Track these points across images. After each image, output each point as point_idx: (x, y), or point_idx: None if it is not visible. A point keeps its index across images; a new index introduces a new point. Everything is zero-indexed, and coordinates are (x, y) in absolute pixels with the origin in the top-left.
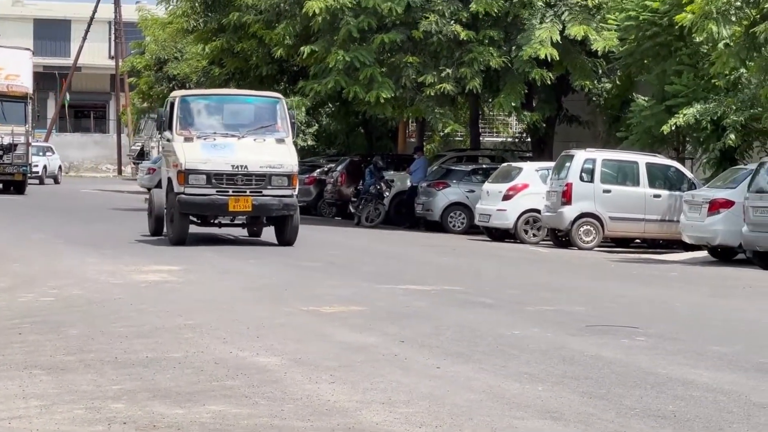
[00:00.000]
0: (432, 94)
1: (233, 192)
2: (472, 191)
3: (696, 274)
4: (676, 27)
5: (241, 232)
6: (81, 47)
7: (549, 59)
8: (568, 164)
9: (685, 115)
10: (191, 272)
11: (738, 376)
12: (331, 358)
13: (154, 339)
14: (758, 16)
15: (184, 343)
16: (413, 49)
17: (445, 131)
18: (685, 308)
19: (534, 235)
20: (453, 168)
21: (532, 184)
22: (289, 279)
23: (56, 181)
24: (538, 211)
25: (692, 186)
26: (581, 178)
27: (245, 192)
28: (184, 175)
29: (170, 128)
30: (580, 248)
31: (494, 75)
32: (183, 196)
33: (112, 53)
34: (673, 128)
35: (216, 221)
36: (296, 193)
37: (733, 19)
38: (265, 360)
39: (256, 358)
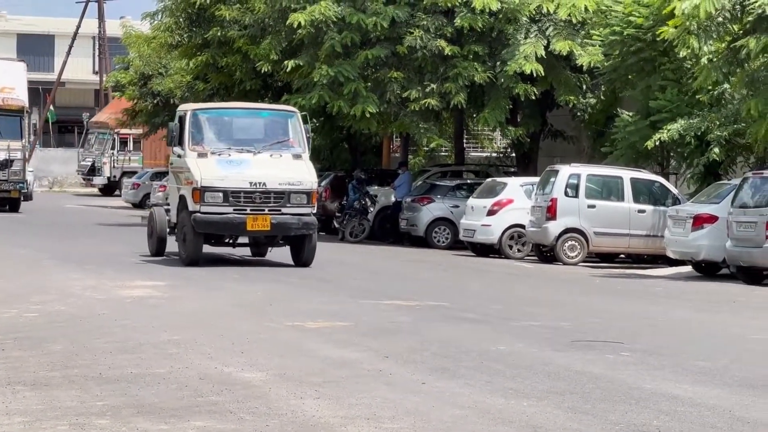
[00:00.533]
0: (416, 109)
1: (251, 210)
2: (457, 206)
3: (680, 289)
4: (660, 42)
5: (244, 252)
6: (65, 62)
7: (534, 74)
8: (552, 179)
9: (669, 130)
10: (176, 288)
11: (722, 391)
12: (315, 373)
13: (138, 354)
14: (741, 31)
15: (168, 359)
16: (398, 65)
17: (430, 146)
18: (670, 323)
19: (519, 251)
20: (437, 183)
21: (516, 200)
22: (274, 295)
23: (27, 198)
24: (523, 227)
25: (676, 201)
26: (566, 194)
27: (263, 210)
28: (200, 192)
29: (181, 143)
30: (564, 263)
31: (479, 90)
32: (198, 214)
33: (96, 68)
34: (658, 143)
35: (229, 241)
36: (315, 211)
37: (714, 35)
38: (250, 375)
39: (240, 373)
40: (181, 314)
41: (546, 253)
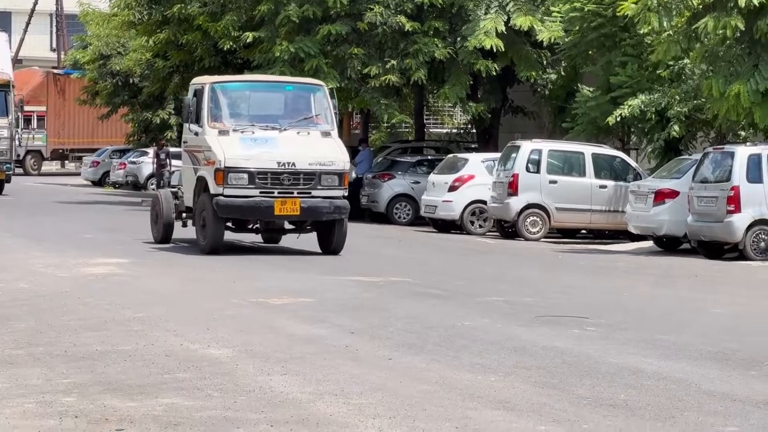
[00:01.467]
0: (377, 85)
1: (279, 193)
2: (418, 182)
3: (642, 264)
4: (621, 18)
5: (255, 239)
6: (22, 40)
7: (494, 50)
8: (514, 155)
9: (629, 106)
10: (139, 265)
11: (687, 365)
12: (281, 349)
13: (103, 332)
14: (700, 6)
15: (133, 336)
16: (358, 41)
17: (391, 122)
18: (633, 298)
19: (480, 227)
20: (398, 159)
21: (478, 175)
22: (237, 272)
23: None
24: (484, 202)
25: (637, 176)
26: (527, 169)
27: (292, 193)
28: (224, 173)
29: (198, 120)
30: (526, 239)
31: (439, 66)
32: (221, 198)
33: (54, 46)
34: (619, 119)
35: (253, 227)
36: (346, 193)
37: (675, 12)
38: (216, 352)
39: (207, 350)
40: (145, 291)
41: (508, 229)
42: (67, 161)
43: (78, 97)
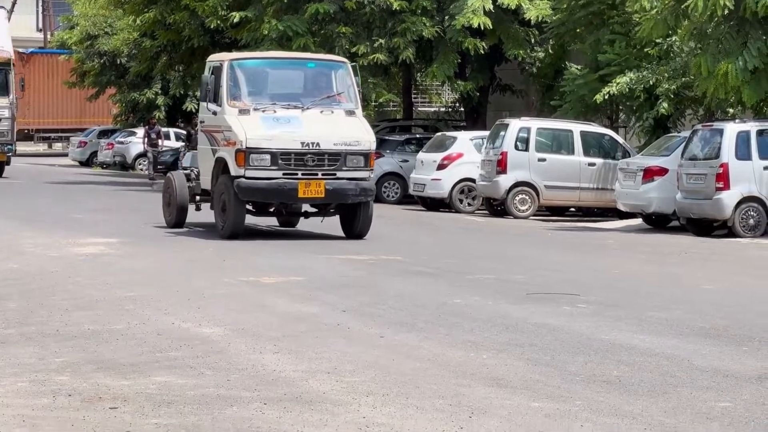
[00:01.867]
0: (365, 64)
1: (303, 174)
2: (406, 161)
3: (632, 241)
4: None
5: (270, 222)
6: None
7: (482, 28)
8: (502, 133)
9: (618, 83)
10: (128, 244)
11: (679, 341)
12: (273, 328)
13: (94, 311)
14: None
15: (125, 315)
16: (346, 20)
17: (379, 101)
18: (623, 275)
19: (469, 205)
20: (386, 138)
21: (466, 154)
22: (227, 251)
23: None
24: (473, 181)
25: (626, 154)
26: (516, 147)
27: (317, 174)
28: (245, 154)
29: (216, 99)
30: (515, 217)
31: (427, 45)
32: (243, 180)
33: (40, 26)
34: (607, 97)
35: (274, 210)
36: (372, 174)
37: None
38: (208, 330)
39: (198, 328)
40: (136, 271)
41: (496, 207)
42: (32, 142)
43: (66, 80)
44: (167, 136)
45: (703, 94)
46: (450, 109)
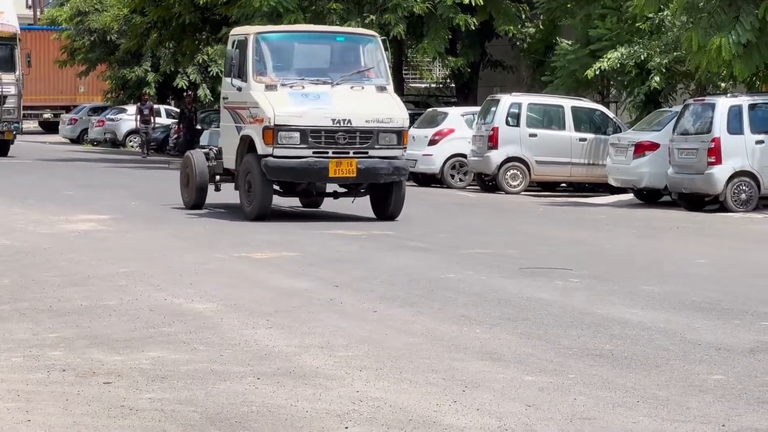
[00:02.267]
0: None
1: (333, 153)
2: None
3: (624, 216)
4: None
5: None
6: None
7: (473, 4)
8: (493, 109)
9: (609, 58)
10: (121, 221)
11: (672, 315)
12: (266, 303)
13: (87, 287)
14: None
15: (118, 291)
16: None
17: None
18: (616, 250)
19: (461, 180)
20: None
21: (457, 129)
22: (219, 227)
23: None
24: (465, 156)
25: (617, 129)
26: (507, 123)
27: (348, 153)
28: (273, 132)
29: (241, 74)
30: (507, 192)
31: (418, 21)
32: (271, 158)
33: (30, 2)
34: (598, 72)
35: (303, 190)
36: (405, 153)
37: None
38: (201, 306)
39: (191, 304)
40: (128, 247)
41: (488, 183)
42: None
43: (57, 58)
44: (158, 113)
45: (695, 69)
46: (441, 85)
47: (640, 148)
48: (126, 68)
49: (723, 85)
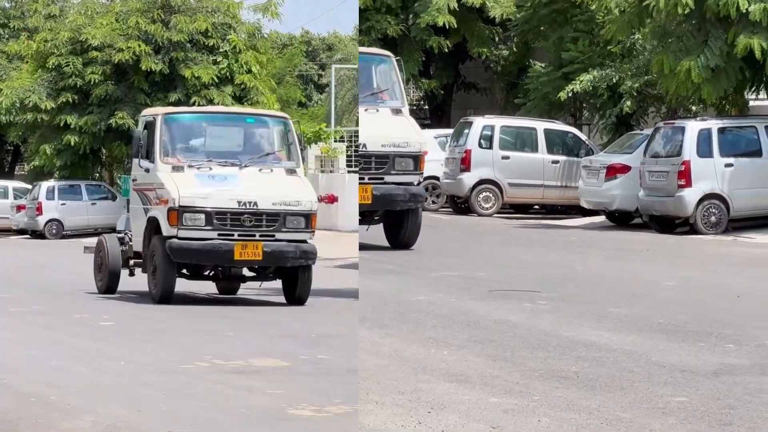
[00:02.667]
0: None
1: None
2: None
3: (595, 238)
4: None
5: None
6: None
7: (446, 27)
8: (466, 131)
9: (581, 81)
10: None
11: (638, 337)
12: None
13: None
14: None
15: None
16: None
17: None
18: (586, 272)
19: (433, 202)
20: None
21: (430, 152)
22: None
23: None
24: (438, 178)
25: (590, 151)
26: (480, 145)
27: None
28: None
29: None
30: (479, 215)
31: (392, 42)
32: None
33: None
34: (570, 94)
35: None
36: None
37: None
38: None
39: None
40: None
41: (461, 205)
42: None
43: None
44: None
45: (666, 92)
46: (414, 107)
47: (612, 171)
48: None
49: (694, 108)
